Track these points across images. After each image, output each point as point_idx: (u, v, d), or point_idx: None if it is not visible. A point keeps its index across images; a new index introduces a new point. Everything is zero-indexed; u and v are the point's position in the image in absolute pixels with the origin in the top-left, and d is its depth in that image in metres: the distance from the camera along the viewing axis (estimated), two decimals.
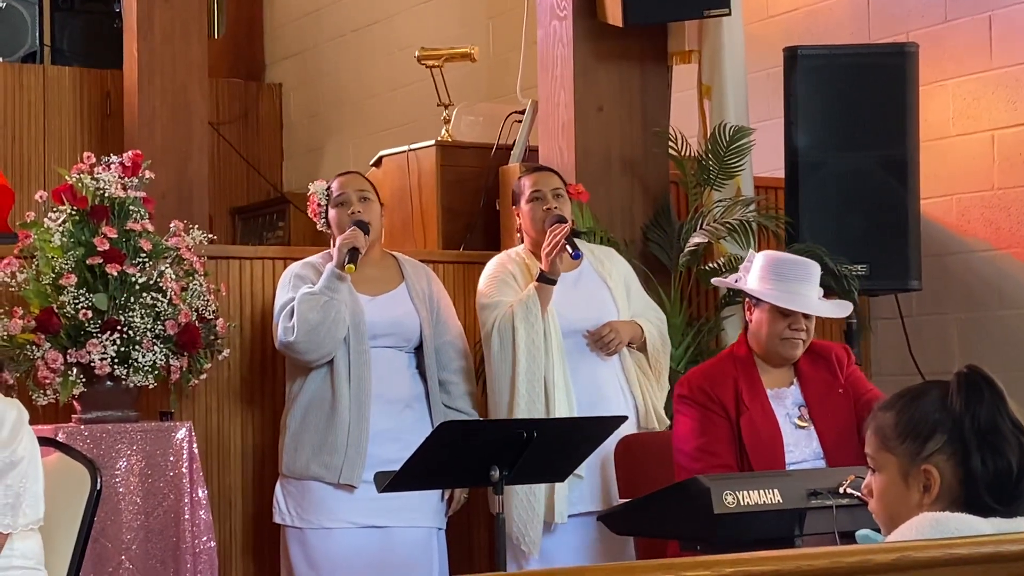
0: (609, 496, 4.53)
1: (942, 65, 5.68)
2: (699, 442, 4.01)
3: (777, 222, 5.34)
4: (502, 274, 4.68)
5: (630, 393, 4.67)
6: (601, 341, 4.62)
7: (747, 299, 4.18)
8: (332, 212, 4.61)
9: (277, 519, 4.54)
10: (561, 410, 4.51)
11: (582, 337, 4.65)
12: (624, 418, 4.04)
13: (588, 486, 4.55)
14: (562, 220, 4.59)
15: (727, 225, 5.15)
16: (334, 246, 4.54)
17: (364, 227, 4.51)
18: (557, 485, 4.46)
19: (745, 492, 3.47)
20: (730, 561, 1.78)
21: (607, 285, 4.75)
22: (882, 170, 5.25)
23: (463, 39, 7.25)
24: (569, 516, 4.54)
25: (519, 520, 4.49)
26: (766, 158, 5.64)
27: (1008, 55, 5.52)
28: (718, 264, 5.16)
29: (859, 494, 2.75)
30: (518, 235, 4.81)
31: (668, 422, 4.64)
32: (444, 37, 7.56)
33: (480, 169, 5.70)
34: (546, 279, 4.55)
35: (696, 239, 5.13)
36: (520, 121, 5.73)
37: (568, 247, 4.49)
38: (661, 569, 1.74)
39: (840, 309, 4.27)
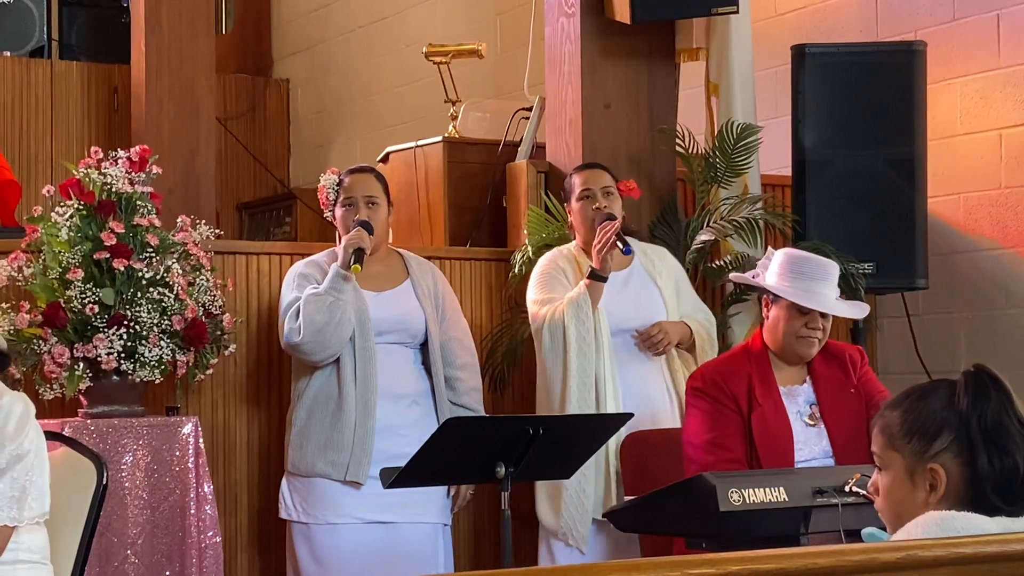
0: None
1: (950, 63, 5.68)
2: (710, 436, 4.02)
3: (784, 220, 5.33)
4: (553, 270, 4.73)
5: (675, 392, 4.68)
6: (650, 341, 4.65)
7: (765, 295, 4.17)
8: (339, 211, 4.60)
9: (283, 514, 4.54)
10: (610, 408, 4.54)
11: (630, 336, 4.68)
12: (630, 415, 4.03)
13: None
14: (611, 218, 4.62)
15: (734, 223, 5.15)
16: (339, 243, 4.54)
17: (368, 227, 4.50)
18: (608, 481, 4.49)
19: (751, 490, 3.47)
20: (735, 559, 1.78)
21: (656, 285, 4.77)
22: (889, 168, 5.24)
23: (471, 35, 7.25)
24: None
25: (568, 516, 4.51)
26: (773, 156, 5.64)
27: (1016, 54, 5.52)
28: (724, 262, 5.16)
29: (865, 492, 2.74)
30: (570, 232, 4.86)
31: None
32: (452, 33, 7.57)
33: (487, 166, 5.70)
34: (597, 276, 4.58)
35: (703, 237, 5.13)
36: (527, 118, 5.73)
37: (619, 243, 4.52)
38: (667, 566, 1.74)
39: (857, 310, 4.27)
